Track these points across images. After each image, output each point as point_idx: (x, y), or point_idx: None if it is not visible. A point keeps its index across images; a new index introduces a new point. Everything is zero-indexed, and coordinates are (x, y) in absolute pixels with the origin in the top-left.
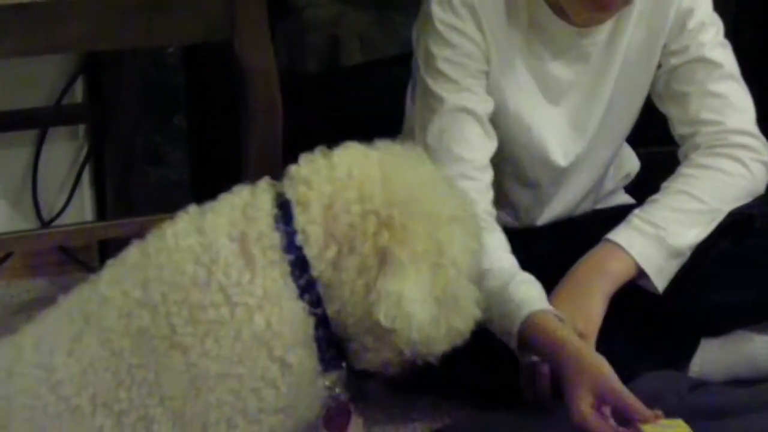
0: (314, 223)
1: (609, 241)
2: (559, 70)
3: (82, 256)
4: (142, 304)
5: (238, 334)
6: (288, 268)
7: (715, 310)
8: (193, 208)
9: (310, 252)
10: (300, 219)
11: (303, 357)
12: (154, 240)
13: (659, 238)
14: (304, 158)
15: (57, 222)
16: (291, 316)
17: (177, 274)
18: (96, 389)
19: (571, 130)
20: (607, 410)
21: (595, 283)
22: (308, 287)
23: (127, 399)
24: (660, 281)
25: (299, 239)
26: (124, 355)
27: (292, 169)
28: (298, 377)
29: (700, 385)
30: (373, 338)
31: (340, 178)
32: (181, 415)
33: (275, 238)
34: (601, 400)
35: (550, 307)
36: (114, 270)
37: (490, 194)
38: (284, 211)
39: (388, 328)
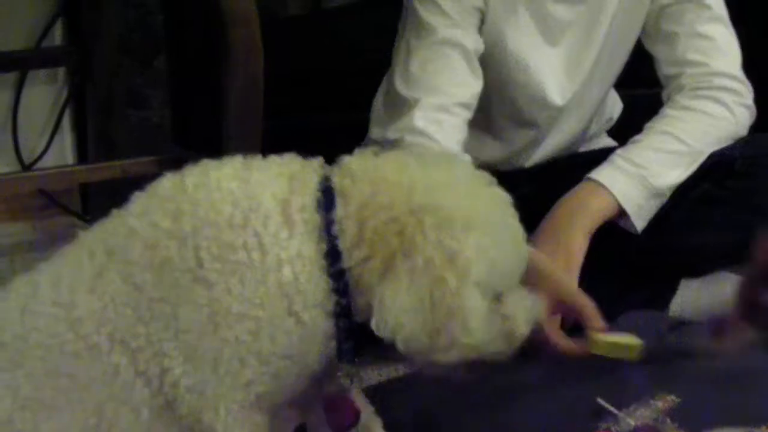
0: (351, 219)
1: (591, 179)
2: (561, 12)
3: (64, 200)
4: (170, 235)
5: (263, 279)
6: (324, 248)
7: (694, 251)
8: (238, 159)
9: (343, 245)
10: (340, 211)
11: (317, 319)
12: (192, 176)
13: (641, 178)
14: (357, 151)
15: (38, 165)
16: (318, 283)
17: (213, 212)
18: (115, 326)
19: (568, 69)
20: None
21: (576, 221)
22: (337, 275)
23: (144, 334)
24: (639, 221)
25: (335, 230)
26: (146, 289)
27: (345, 158)
28: (311, 333)
29: (680, 325)
30: None
31: (378, 181)
32: (193, 350)
33: (316, 219)
34: (556, 307)
35: None
36: (143, 201)
37: (462, 133)
38: (327, 197)
39: (378, 335)
